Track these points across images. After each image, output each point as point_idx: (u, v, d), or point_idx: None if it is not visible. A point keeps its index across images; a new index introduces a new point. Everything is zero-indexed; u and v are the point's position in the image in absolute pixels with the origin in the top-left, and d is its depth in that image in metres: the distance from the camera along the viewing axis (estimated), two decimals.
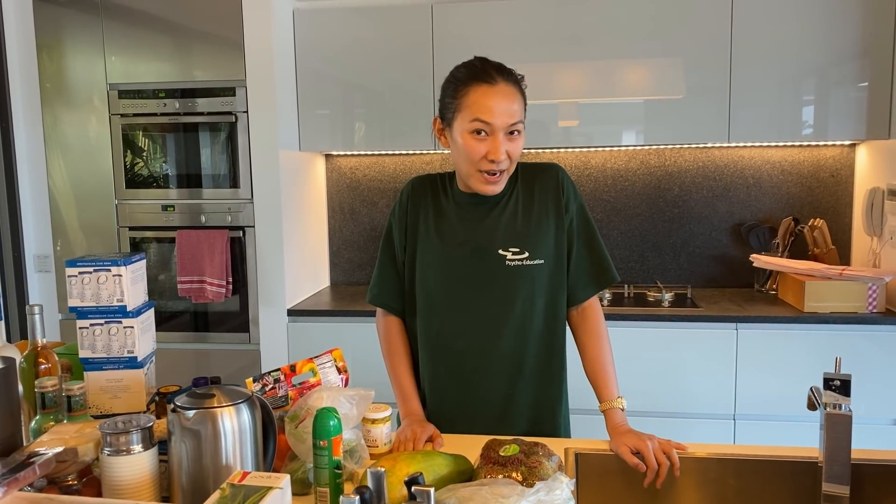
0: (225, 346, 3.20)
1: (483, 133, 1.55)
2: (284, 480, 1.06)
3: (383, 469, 1.05)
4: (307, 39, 3.17)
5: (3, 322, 1.51)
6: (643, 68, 3.02)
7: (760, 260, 3.04)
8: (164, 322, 3.21)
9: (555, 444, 1.46)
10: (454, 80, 1.60)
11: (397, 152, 3.47)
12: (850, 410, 1.16)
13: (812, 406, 1.25)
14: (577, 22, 3.01)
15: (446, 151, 2.68)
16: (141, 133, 3.15)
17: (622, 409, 1.61)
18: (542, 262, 1.65)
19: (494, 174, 1.57)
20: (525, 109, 1.60)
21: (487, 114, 1.53)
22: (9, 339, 3.18)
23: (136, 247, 3.20)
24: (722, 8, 2.92)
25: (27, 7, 3.16)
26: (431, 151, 3.37)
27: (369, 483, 1.04)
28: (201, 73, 3.09)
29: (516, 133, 1.56)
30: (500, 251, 1.64)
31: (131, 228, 3.20)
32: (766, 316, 2.79)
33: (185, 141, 3.13)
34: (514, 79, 1.58)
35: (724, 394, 2.83)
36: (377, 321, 1.81)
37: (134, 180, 3.17)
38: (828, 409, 1.17)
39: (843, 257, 3.25)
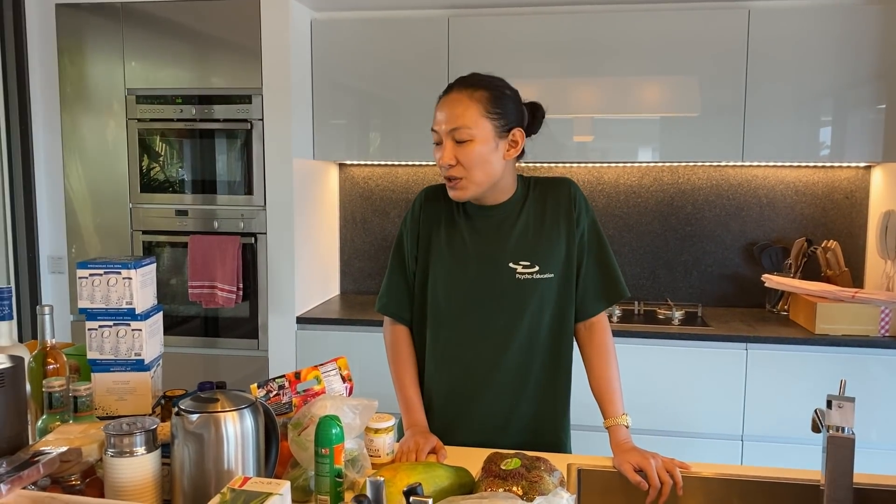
0: (234, 353, 3.22)
1: (439, 143, 1.60)
2: (284, 487, 1.07)
3: (383, 479, 1.05)
4: (324, 49, 3.20)
5: (14, 321, 1.53)
6: (659, 85, 3.02)
7: (772, 280, 3.02)
8: (175, 326, 3.23)
9: (557, 460, 1.45)
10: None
11: (411, 163, 3.49)
12: (852, 433, 1.15)
13: (816, 429, 1.24)
14: (593, 38, 3.02)
15: None
16: (158, 138, 3.18)
17: (627, 427, 1.60)
18: (552, 276, 1.65)
19: (451, 180, 1.60)
20: (493, 118, 1.57)
21: (435, 122, 1.60)
22: (21, 339, 3.21)
23: (150, 251, 3.23)
24: (738, 27, 2.92)
25: (49, 12, 3.21)
26: None
27: (368, 492, 1.04)
28: (218, 80, 3.12)
29: (466, 140, 1.56)
30: (511, 264, 1.65)
31: (145, 232, 3.23)
32: (777, 337, 2.77)
33: (201, 147, 3.16)
34: (473, 87, 1.58)
35: (733, 414, 2.81)
36: (385, 330, 1.82)
37: (149, 185, 3.20)
38: (830, 432, 1.16)
39: (857, 280, 3.22)
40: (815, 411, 1.23)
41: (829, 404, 1.15)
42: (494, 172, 1.61)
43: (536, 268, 1.64)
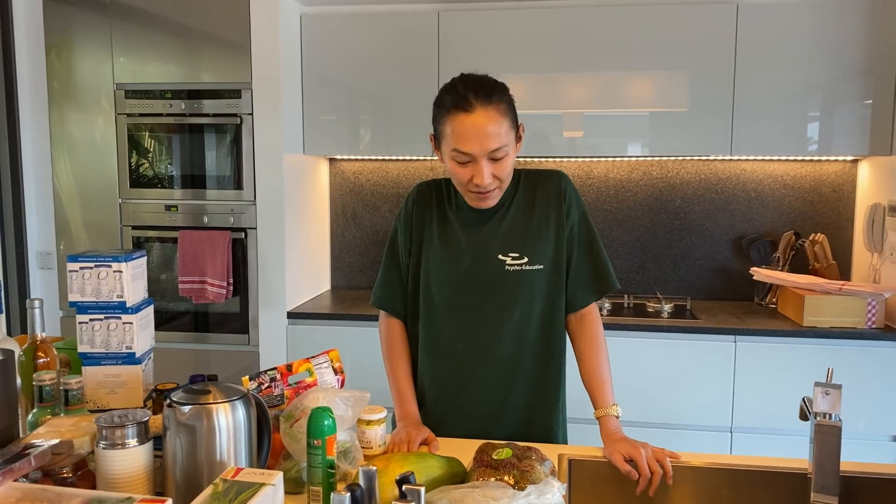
0: (225, 347, 3.21)
1: (467, 162, 1.55)
2: (277, 477, 1.07)
3: (375, 468, 1.06)
4: (314, 44, 3.19)
5: (2, 316, 1.52)
6: (648, 80, 3.03)
7: (760, 273, 3.04)
8: (166, 322, 3.22)
9: (548, 450, 1.46)
10: (438, 105, 1.59)
11: (401, 158, 3.49)
12: (839, 420, 1.17)
13: (804, 416, 1.26)
14: (583, 33, 3.03)
15: None
16: (147, 134, 3.17)
17: (617, 417, 1.61)
18: (542, 267, 1.66)
19: (483, 192, 1.58)
20: (513, 121, 1.57)
21: (465, 144, 1.52)
22: (9, 334, 3.19)
23: (139, 246, 3.22)
24: (727, 22, 2.94)
25: (37, 7, 3.19)
26: (435, 158, 3.39)
27: (361, 482, 1.05)
28: (208, 75, 3.11)
29: (501, 156, 1.54)
30: (500, 256, 1.66)
31: (134, 227, 3.22)
32: (765, 329, 2.79)
33: (191, 142, 3.15)
34: (494, 99, 1.53)
35: (722, 406, 2.83)
36: (380, 324, 1.82)
37: (139, 180, 3.19)
38: (818, 419, 1.18)
39: (844, 272, 3.25)
40: (803, 399, 1.25)
41: (816, 392, 1.17)
42: (512, 172, 1.64)
43: (525, 259, 1.65)
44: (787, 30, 2.91)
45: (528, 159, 3.35)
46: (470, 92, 1.52)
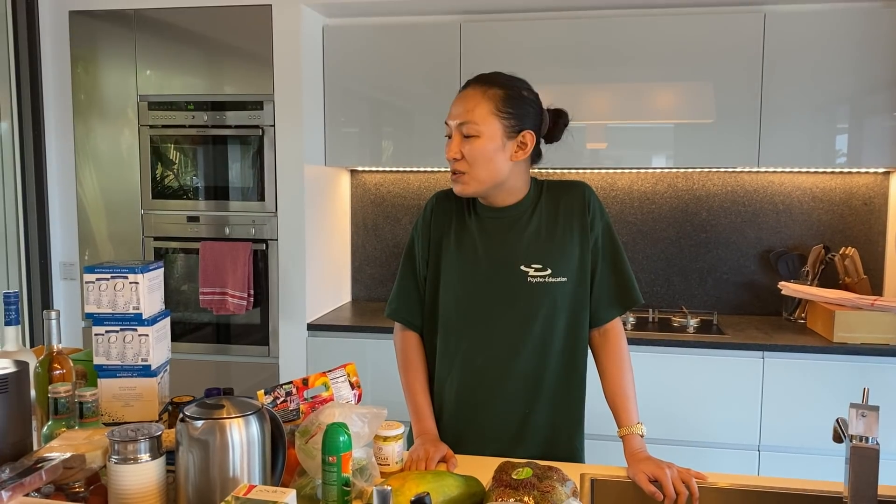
0: (245, 359, 3.20)
1: (449, 137, 1.62)
2: (290, 495, 1.05)
3: (390, 488, 1.02)
4: (336, 55, 3.19)
5: (21, 327, 1.51)
6: (673, 92, 2.99)
7: (789, 288, 2.97)
8: (187, 333, 3.22)
9: (570, 469, 1.42)
10: None
11: (422, 169, 3.47)
12: (877, 443, 1.11)
13: (838, 438, 1.20)
14: (606, 43, 2.99)
15: None
16: (172, 146, 3.18)
17: (641, 436, 1.57)
18: (565, 279, 1.62)
19: (455, 173, 1.62)
20: (503, 117, 1.57)
21: (448, 116, 1.62)
22: (32, 345, 3.21)
23: (161, 257, 3.23)
24: (754, 31, 2.89)
25: (63, 19, 3.22)
26: None
27: (376, 501, 1.02)
28: (230, 86, 3.12)
29: (472, 136, 1.57)
30: (523, 267, 1.62)
31: (156, 238, 3.23)
32: (794, 345, 2.72)
33: (213, 153, 3.16)
34: (488, 85, 1.59)
35: (749, 424, 2.76)
36: (395, 336, 1.79)
37: (161, 191, 3.20)
38: (854, 442, 1.13)
39: (875, 287, 3.17)
40: (837, 420, 1.19)
41: (852, 413, 1.12)
42: (499, 172, 1.59)
43: (549, 271, 1.61)
44: (816, 39, 2.86)
45: (552, 171, 3.31)
46: (477, 76, 1.63)
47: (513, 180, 1.62)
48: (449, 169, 1.66)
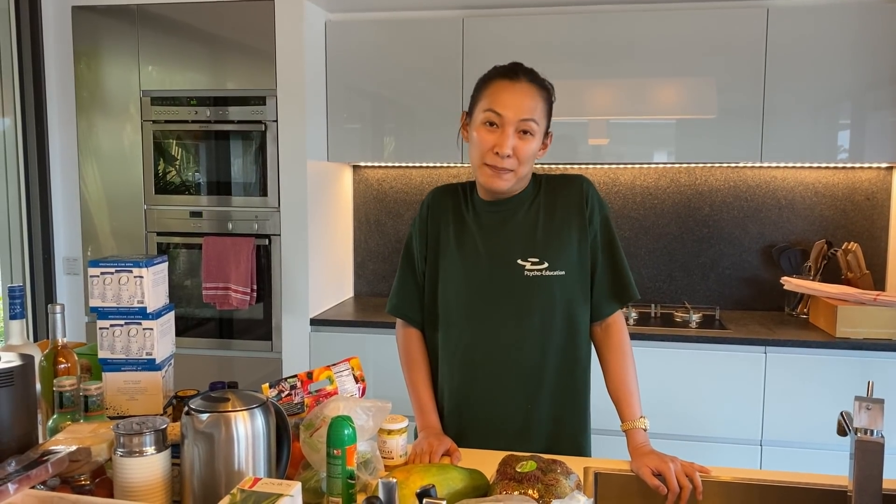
0: (248, 354, 3.21)
1: (495, 126, 1.56)
2: (295, 488, 1.05)
3: (395, 480, 1.03)
4: (338, 51, 3.19)
5: (25, 321, 1.52)
6: (676, 87, 2.98)
7: (791, 283, 2.97)
8: (190, 328, 3.22)
9: (574, 463, 1.42)
10: (484, 76, 1.64)
11: (425, 165, 3.47)
12: (882, 436, 1.12)
13: (842, 431, 1.21)
14: (609, 38, 2.99)
15: None
16: (175, 142, 3.18)
17: (645, 430, 1.57)
18: (563, 273, 1.62)
19: (499, 167, 1.56)
20: (548, 118, 1.61)
21: (500, 105, 1.55)
22: (36, 339, 3.21)
23: (163, 253, 3.23)
24: (757, 26, 2.88)
25: (66, 16, 3.22)
26: (459, 164, 3.36)
27: (381, 494, 1.02)
28: (233, 82, 3.12)
29: (529, 133, 1.56)
30: (519, 261, 1.62)
31: (159, 234, 3.23)
32: (796, 340, 2.72)
33: (216, 148, 3.16)
34: (539, 81, 1.59)
35: (752, 419, 2.76)
36: (397, 332, 1.79)
37: (164, 186, 3.21)
38: (858, 435, 1.13)
39: (878, 282, 3.17)
40: (842, 414, 1.20)
41: (856, 406, 1.12)
42: (531, 169, 1.64)
43: (546, 264, 1.61)
44: (819, 34, 2.85)
45: (553, 166, 3.31)
46: (519, 68, 1.60)
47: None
48: (447, 164, 1.65)
